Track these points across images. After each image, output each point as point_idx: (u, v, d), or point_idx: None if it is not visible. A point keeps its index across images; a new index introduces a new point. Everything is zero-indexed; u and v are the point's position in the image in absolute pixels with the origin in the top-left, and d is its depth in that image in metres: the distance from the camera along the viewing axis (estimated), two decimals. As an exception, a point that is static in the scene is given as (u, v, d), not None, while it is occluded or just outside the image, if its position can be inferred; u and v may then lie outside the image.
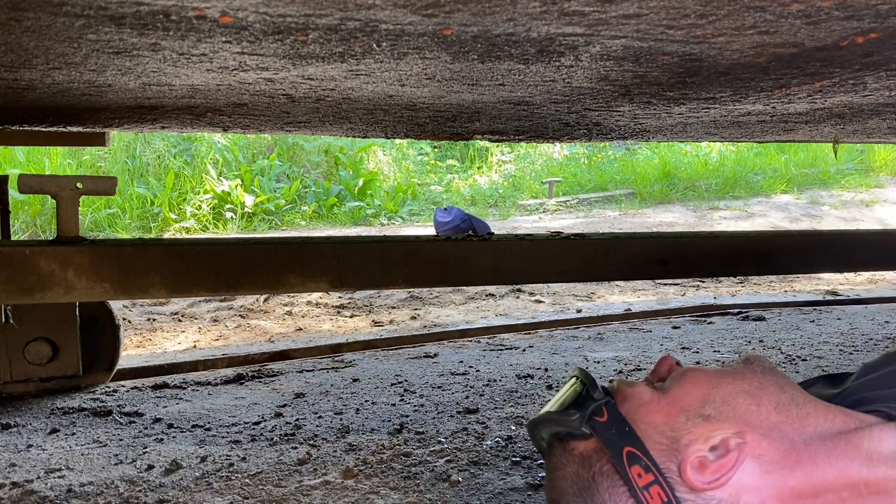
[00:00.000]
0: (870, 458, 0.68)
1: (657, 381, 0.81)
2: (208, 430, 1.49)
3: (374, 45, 0.72)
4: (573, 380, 0.80)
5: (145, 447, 1.39)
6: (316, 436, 1.45)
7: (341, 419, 1.55)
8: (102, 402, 1.69)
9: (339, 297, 3.20)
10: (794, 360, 2.04)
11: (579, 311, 2.90)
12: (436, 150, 9.04)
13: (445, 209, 5.10)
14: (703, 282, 3.58)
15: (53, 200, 1.15)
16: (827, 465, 0.68)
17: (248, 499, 1.16)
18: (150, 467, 1.29)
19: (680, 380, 0.77)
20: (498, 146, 8.88)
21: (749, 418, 0.71)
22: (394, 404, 1.66)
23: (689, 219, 6.10)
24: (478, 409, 1.60)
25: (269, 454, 1.35)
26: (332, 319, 2.85)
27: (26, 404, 1.66)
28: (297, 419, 1.55)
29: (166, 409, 1.64)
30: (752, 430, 0.70)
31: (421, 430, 1.47)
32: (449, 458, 1.32)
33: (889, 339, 2.31)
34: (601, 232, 1.52)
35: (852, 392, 0.82)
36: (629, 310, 2.85)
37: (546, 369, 1.95)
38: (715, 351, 2.16)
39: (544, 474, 1.23)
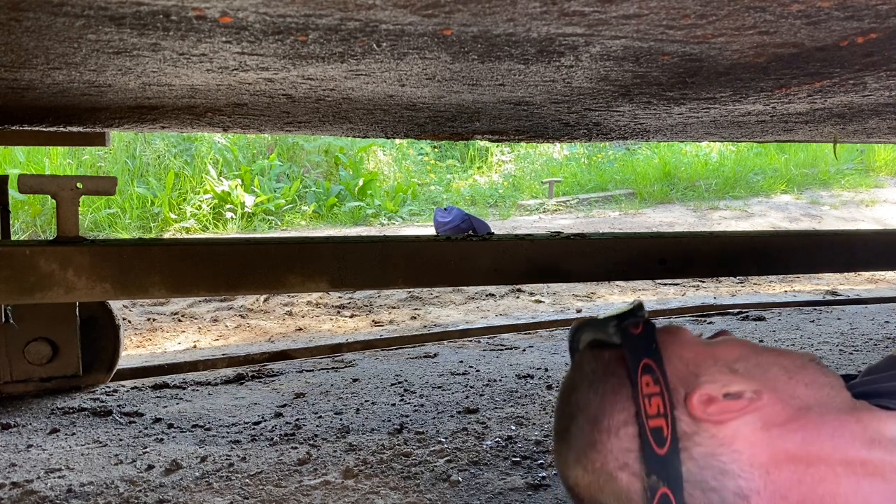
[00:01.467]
0: (873, 439, 0.68)
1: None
2: (208, 430, 1.49)
3: (374, 46, 0.72)
4: (631, 304, 0.83)
5: (145, 447, 1.39)
6: (316, 436, 1.45)
7: (341, 419, 1.55)
8: (102, 402, 1.69)
9: (339, 297, 3.20)
10: (794, 360, 2.04)
11: (579, 311, 2.90)
12: (436, 150, 9.03)
13: (445, 209, 5.10)
14: (703, 282, 3.58)
15: (53, 200, 1.15)
16: (828, 438, 0.69)
17: (248, 499, 1.16)
18: (150, 467, 1.29)
19: (726, 339, 0.80)
20: (498, 146, 8.88)
21: (775, 384, 0.73)
22: (394, 404, 1.66)
23: (689, 219, 6.10)
24: (478, 409, 1.60)
25: (269, 454, 1.35)
26: (332, 319, 2.85)
27: (26, 404, 1.66)
28: (297, 419, 1.55)
29: (166, 409, 1.64)
30: (771, 393, 0.71)
31: (421, 430, 1.47)
32: (449, 458, 1.32)
33: (889, 339, 2.31)
34: (601, 232, 1.52)
35: (855, 386, 0.83)
36: (629, 310, 2.84)
37: (546, 369, 1.95)
38: (715, 351, 2.15)
39: (544, 474, 1.23)
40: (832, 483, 0.67)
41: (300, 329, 2.67)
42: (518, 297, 3.25)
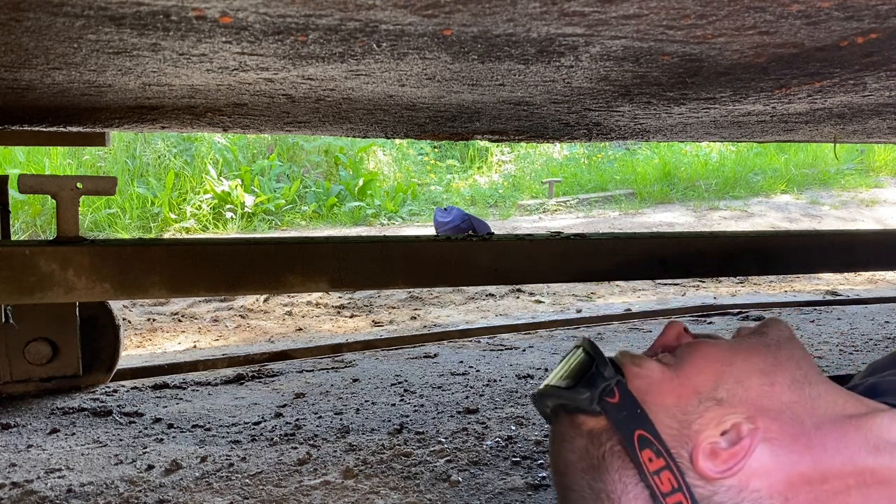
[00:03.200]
0: (876, 446, 0.68)
1: (662, 349, 0.79)
2: (208, 430, 1.49)
3: (374, 46, 0.72)
4: (579, 350, 0.78)
5: (145, 447, 1.39)
6: (316, 436, 1.45)
7: (341, 419, 1.55)
8: (102, 402, 1.69)
9: (339, 297, 3.20)
10: (794, 360, 2.03)
11: (579, 311, 2.90)
12: (436, 150, 9.04)
13: (445, 209, 5.11)
14: (703, 282, 3.58)
15: (53, 200, 1.15)
16: (836, 451, 0.68)
17: (248, 499, 1.16)
18: (150, 467, 1.29)
19: (691, 355, 0.75)
20: (498, 146, 8.88)
21: (762, 402, 0.70)
22: (394, 404, 1.66)
23: (689, 219, 6.10)
24: (478, 409, 1.60)
25: (269, 454, 1.35)
26: (332, 319, 2.85)
27: (26, 404, 1.66)
28: (297, 419, 1.55)
29: (166, 409, 1.64)
30: (763, 415, 0.69)
31: (421, 430, 1.47)
32: (449, 458, 1.32)
33: (889, 339, 2.31)
34: (601, 232, 1.52)
35: (857, 386, 0.82)
36: (629, 310, 2.85)
37: (546, 369, 1.95)
38: (715, 351, 2.15)
39: (544, 474, 1.23)
40: (844, 495, 0.67)
41: (300, 329, 2.67)
42: (518, 297, 3.25)
